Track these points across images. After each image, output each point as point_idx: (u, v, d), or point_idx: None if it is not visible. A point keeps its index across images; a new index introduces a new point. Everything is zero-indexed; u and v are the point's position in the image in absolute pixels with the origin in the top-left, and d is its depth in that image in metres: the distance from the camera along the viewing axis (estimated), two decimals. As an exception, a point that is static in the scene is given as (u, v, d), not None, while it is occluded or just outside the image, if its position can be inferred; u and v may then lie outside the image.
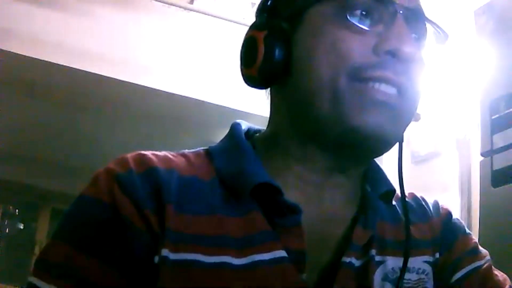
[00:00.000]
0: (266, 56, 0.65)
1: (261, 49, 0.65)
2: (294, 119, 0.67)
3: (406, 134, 0.68)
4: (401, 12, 0.62)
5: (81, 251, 0.60)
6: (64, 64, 2.96)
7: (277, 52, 0.65)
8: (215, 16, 3.29)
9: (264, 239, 0.62)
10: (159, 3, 3.15)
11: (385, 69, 0.61)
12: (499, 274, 0.74)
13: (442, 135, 2.96)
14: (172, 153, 0.68)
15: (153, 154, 0.66)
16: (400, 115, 0.63)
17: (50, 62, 2.94)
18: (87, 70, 3.00)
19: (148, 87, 3.13)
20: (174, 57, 3.16)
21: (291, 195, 0.64)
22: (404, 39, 0.61)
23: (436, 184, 2.84)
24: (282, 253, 0.62)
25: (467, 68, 2.58)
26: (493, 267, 0.75)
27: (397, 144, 0.68)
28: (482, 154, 1.78)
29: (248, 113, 2.97)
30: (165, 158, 0.66)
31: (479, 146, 1.80)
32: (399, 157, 0.69)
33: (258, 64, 0.65)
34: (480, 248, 0.76)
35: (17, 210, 5.57)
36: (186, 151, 0.70)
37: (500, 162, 1.70)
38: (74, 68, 2.98)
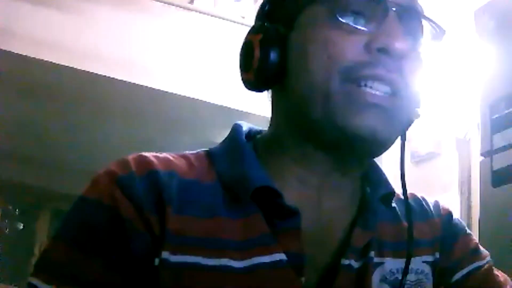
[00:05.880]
0: (261, 59, 0.65)
1: (257, 52, 0.65)
2: (291, 120, 0.67)
3: (406, 134, 0.68)
4: (393, 9, 0.62)
5: (81, 252, 0.60)
6: (64, 64, 2.97)
7: (271, 54, 0.65)
8: (215, 16, 3.29)
9: (264, 242, 0.62)
10: (159, 3, 3.15)
11: (377, 67, 0.61)
12: (500, 275, 0.74)
13: (442, 135, 2.97)
14: (173, 154, 0.68)
15: (154, 156, 0.65)
16: (395, 115, 0.62)
17: (50, 62, 2.94)
18: (87, 70, 3.01)
19: (148, 87, 3.14)
20: (174, 57, 3.16)
21: (291, 197, 0.64)
22: (395, 36, 0.60)
23: (436, 184, 2.84)
24: (281, 256, 0.62)
25: (467, 68, 2.58)
26: (494, 267, 0.75)
27: (398, 144, 0.67)
28: (482, 154, 1.78)
29: (248, 113, 2.97)
30: (166, 160, 0.66)
31: (479, 146, 1.80)
32: (401, 157, 0.68)
33: (254, 67, 0.66)
34: (481, 248, 0.76)
35: (17, 210, 5.57)
36: (187, 152, 0.70)
37: (500, 162, 1.70)
38: (74, 68, 2.98)
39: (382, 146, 0.64)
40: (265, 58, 0.65)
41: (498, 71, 1.77)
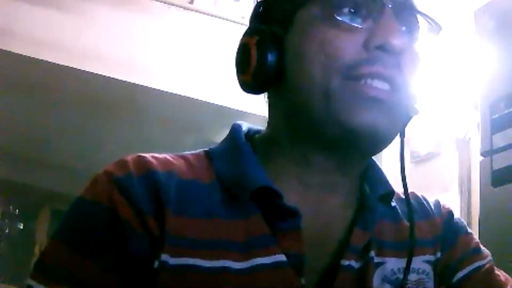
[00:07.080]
0: (259, 61, 0.65)
1: (254, 54, 0.65)
2: (290, 121, 0.66)
3: (406, 134, 0.68)
4: (389, 6, 0.62)
5: (79, 254, 0.60)
6: (64, 64, 2.97)
7: (268, 56, 0.64)
8: (215, 16, 3.29)
9: (264, 243, 0.62)
10: (159, 3, 3.15)
11: (376, 64, 0.61)
12: (502, 274, 0.74)
13: (442, 135, 2.97)
14: (172, 155, 0.68)
15: (152, 157, 0.65)
16: (394, 110, 0.62)
17: (50, 62, 2.94)
18: (87, 70, 3.01)
19: (148, 87, 3.14)
20: (174, 57, 3.16)
21: (290, 198, 0.64)
22: (392, 32, 0.60)
23: (436, 184, 2.85)
24: (281, 257, 0.62)
25: (467, 68, 2.58)
26: (495, 267, 0.75)
27: (397, 142, 0.67)
28: (482, 154, 1.78)
29: (248, 113, 2.97)
30: (165, 161, 0.65)
31: (479, 146, 1.80)
32: (401, 154, 0.68)
33: (251, 70, 0.65)
34: (482, 247, 0.75)
35: (17, 210, 5.57)
36: (186, 153, 0.70)
37: (500, 162, 1.70)
38: (74, 68, 2.98)
39: (382, 142, 0.64)
40: (262, 61, 0.64)
41: (498, 71, 1.77)
